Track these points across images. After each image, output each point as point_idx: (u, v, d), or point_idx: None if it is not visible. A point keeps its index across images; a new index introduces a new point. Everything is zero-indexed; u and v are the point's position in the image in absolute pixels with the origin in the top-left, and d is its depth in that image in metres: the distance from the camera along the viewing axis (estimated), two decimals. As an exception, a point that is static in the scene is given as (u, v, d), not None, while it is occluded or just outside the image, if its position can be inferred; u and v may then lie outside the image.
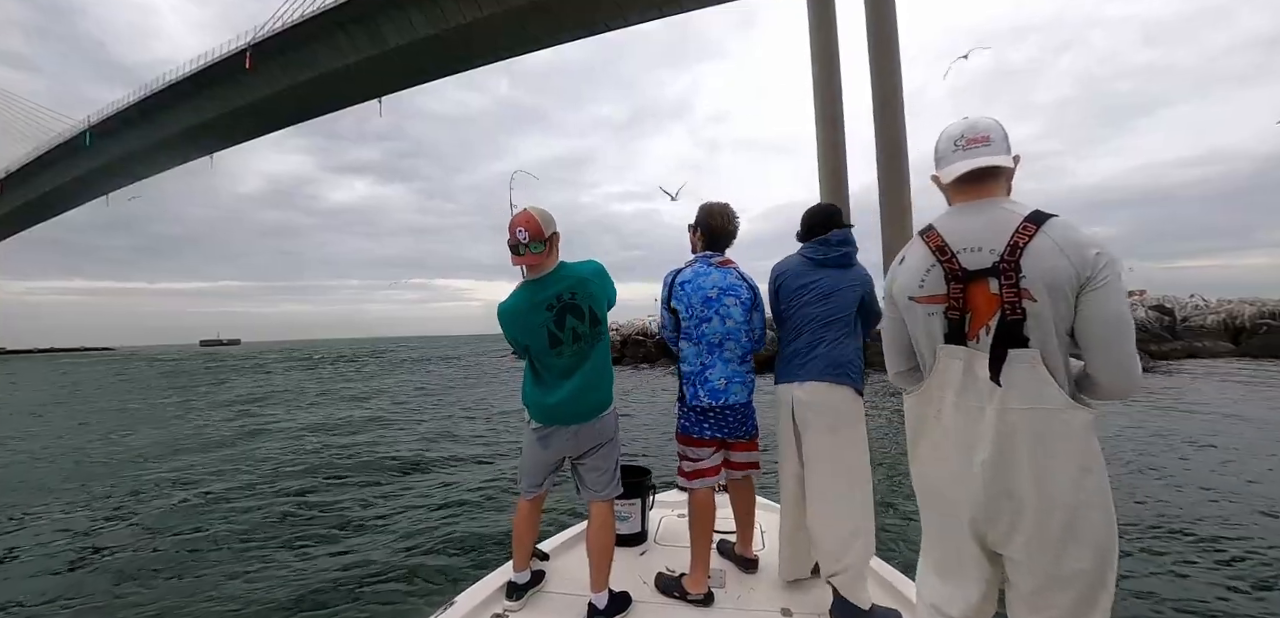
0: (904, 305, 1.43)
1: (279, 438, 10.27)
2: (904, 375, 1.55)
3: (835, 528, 2.14)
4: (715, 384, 2.34)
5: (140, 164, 63.85)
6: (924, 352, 1.41)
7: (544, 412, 2.21)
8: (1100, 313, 1.21)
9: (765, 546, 2.76)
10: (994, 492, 1.27)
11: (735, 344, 2.35)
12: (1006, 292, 1.24)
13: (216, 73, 48.81)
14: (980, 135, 1.34)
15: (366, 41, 42.56)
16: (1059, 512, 1.22)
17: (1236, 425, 8.57)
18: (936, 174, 1.43)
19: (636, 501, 2.79)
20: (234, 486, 6.83)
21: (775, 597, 2.32)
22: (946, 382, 1.34)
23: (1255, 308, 21.83)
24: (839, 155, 32.84)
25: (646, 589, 2.39)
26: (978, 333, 1.29)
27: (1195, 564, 3.96)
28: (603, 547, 2.18)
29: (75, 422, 13.71)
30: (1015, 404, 1.24)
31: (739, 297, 2.35)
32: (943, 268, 1.34)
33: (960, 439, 1.31)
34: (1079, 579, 1.22)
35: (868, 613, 2.08)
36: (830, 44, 32.87)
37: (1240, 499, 5.25)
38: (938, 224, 1.39)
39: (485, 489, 6.46)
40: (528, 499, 2.31)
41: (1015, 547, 1.27)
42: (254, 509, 5.86)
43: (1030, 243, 1.23)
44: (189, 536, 5.13)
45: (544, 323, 2.14)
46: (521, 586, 2.29)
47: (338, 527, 5.29)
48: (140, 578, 4.24)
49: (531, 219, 2.10)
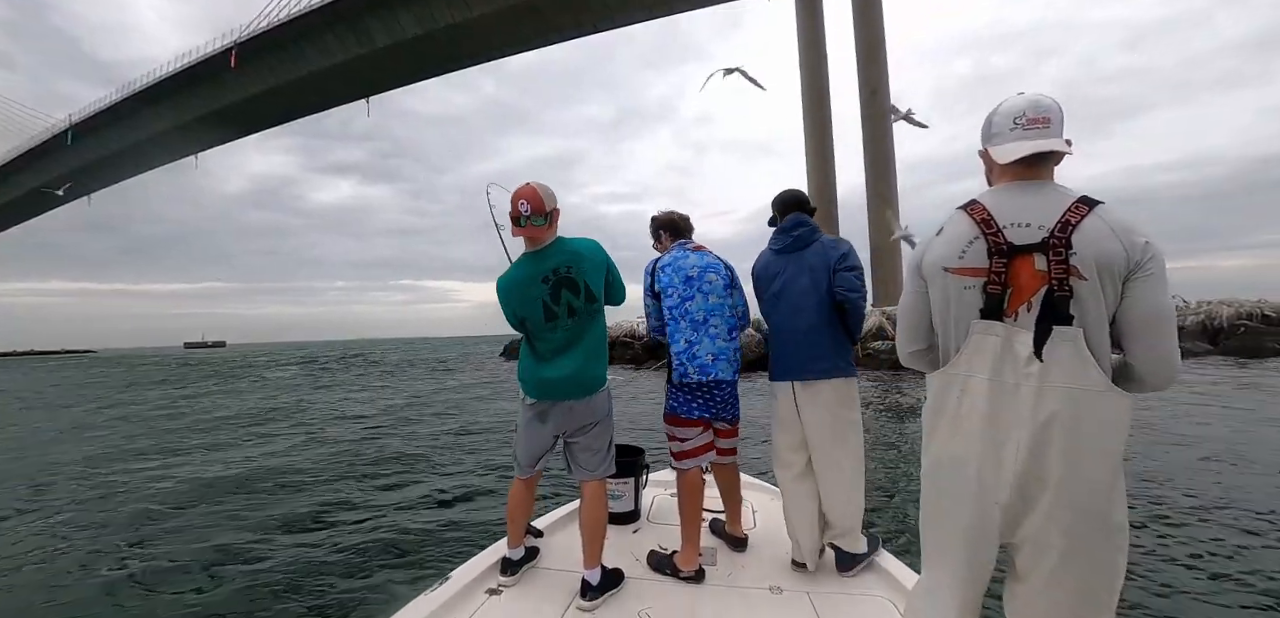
0: (934, 277, 1.38)
1: (288, 436, 10.18)
2: (918, 356, 1.51)
3: (841, 503, 2.31)
4: (703, 359, 2.41)
5: (124, 163, 62.85)
6: (951, 328, 1.36)
7: (539, 386, 2.23)
8: (1147, 302, 1.20)
9: (756, 524, 2.81)
10: (1026, 473, 1.23)
11: (720, 319, 2.44)
12: (1055, 267, 1.22)
13: (201, 71, 48.21)
14: (1041, 115, 1.29)
15: (354, 41, 42.22)
16: (1090, 496, 1.20)
17: (1224, 419, 8.74)
18: (986, 149, 1.38)
19: (630, 480, 2.82)
20: (225, 475, 6.78)
21: (766, 574, 2.36)
22: (980, 358, 1.28)
23: (1233, 309, 22.23)
24: (827, 157, 33.10)
25: (639, 567, 2.42)
26: (1017, 310, 1.26)
27: (1180, 550, 4.04)
28: (595, 523, 2.21)
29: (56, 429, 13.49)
30: (1057, 382, 1.21)
31: (718, 272, 2.48)
32: (986, 241, 1.29)
33: (991, 417, 1.27)
34: (1104, 566, 1.21)
35: (864, 554, 2.34)
36: (818, 43, 33.16)
37: (1224, 488, 5.38)
38: (983, 199, 1.35)
39: (483, 475, 6.48)
40: (523, 479, 2.33)
41: (1032, 527, 1.24)
42: (253, 497, 5.85)
43: (1083, 222, 1.21)
44: (195, 522, 5.09)
45: (540, 296, 2.17)
46: (516, 561, 2.32)
47: (332, 511, 5.32)
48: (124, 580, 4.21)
49: (535, 193, 2.16)
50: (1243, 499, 5.03)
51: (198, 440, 9.98)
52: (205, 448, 9.22)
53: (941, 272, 1.36)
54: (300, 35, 43.43)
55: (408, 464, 7.44)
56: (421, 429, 10.49)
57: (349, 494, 6.02)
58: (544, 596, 2.20)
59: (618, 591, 2.21)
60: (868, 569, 2.33)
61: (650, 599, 2.17)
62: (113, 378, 32.20)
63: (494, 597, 2.19)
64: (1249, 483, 5.56)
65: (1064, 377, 1.20)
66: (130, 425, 12.28)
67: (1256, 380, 13.31)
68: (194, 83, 49.25)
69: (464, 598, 2.15)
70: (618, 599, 2.18)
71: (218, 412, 14.26)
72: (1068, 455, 1.20)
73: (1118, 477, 1.22)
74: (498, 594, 2.20)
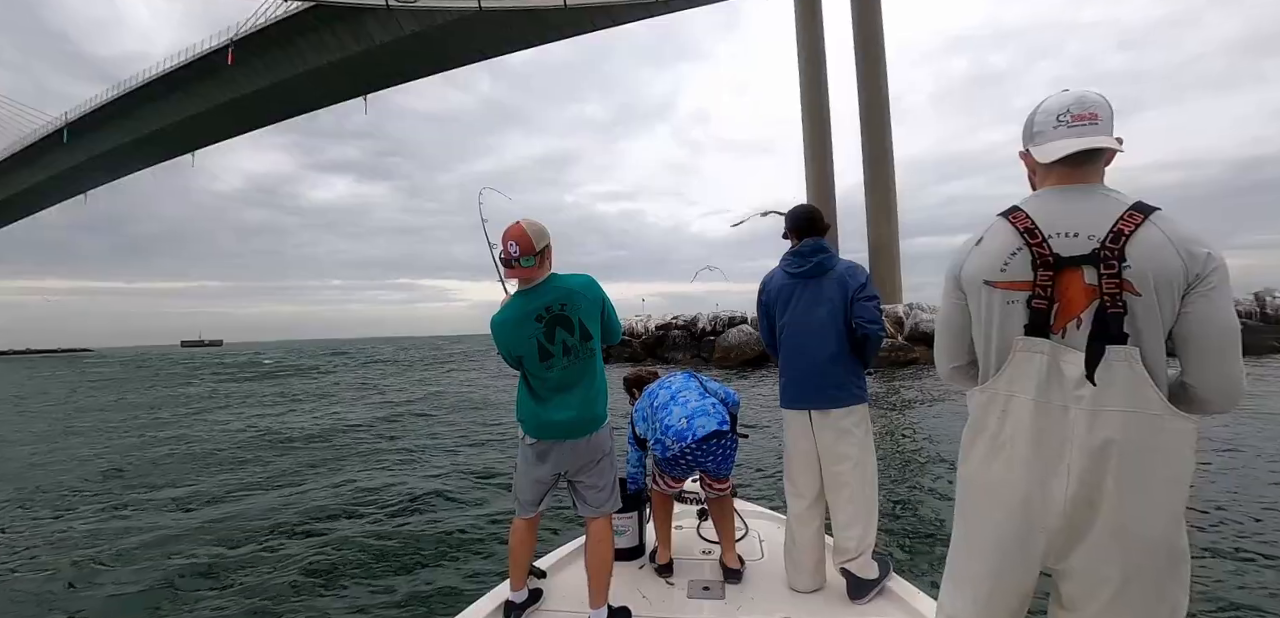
0: (974, 290, 1.29)
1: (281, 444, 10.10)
2: (959, 373, 1.43)
3: (857, 529, 2.29)
4: (677, 427, 2.31)
5: (120, 161, 62.72)
6: (992, 344, 1.27)
7: (539, 427, 2.18)
8: (1210, 318, 1.11)
9: (764, 554, 2.77)
10: (1076, 500, 1.14)
11: (689, 392, 2.46)
12: (1107, 282, 1.12)
13: (198, 68, 48.09)
14: (1088, 111, 1.19)
15: (352, 38, 42.17)
16: (1151, 526, 1.12)
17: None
18: (1028, 150, 1.29)
19: (634, 514, 2.77)
20: (215, 492, 6.71)
21: (776, 604, 2.32)
22: (1024, 377, 1.20)
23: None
24: (825, 155, 33.05)
25: (646, 604, 2.37)
26: (1064, 326, 1.17)
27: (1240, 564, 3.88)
28: (601, 562, 2.16)
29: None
30: (1112, 405, 1.11)
31: (672, 376, 2.61)
32: (1031, 252, 1.20)
33: (1037, 441, 1.18)
34: (1165, 599, 1.14)
35: (876, 580, 2.30)
36: (816, 43, 33.07)
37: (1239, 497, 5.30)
38: (1026, 206, 1.25)
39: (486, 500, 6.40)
40: (525, 518, 2.27)
41: (1083, 558, 1.17)
42: (236, 522, 5.75)
43: (1137, 232, 1.11)
44: (205, 539, 5.02)
45: (533, 334, 2.12)
46: (519, 605, 2.26)
47: (335, 549, 5.19)
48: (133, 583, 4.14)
49: (523, 234, 2.10)
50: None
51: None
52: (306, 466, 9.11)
53: (982, 285, 1.27)
54: (298, 32, 43.36)
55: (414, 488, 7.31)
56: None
57: (342, 526, 5.81)
58: None
59: None
60: (880, 595, 2.29)
61: None
62: (170, 378, 31.91)
63: None
64: None
65: (1120, 400, 1.11)
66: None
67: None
68: (192, 79, 49.13)
69: None
70: None
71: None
72: (1124, 483, 1.11)
73: (1182, 505, 1.13)
74: None
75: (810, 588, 2.38)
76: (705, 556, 2.78)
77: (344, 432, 11.00)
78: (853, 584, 2.29)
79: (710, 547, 2.82)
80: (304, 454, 8.97)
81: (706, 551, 2.82)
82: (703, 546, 2.88)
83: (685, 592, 2.45)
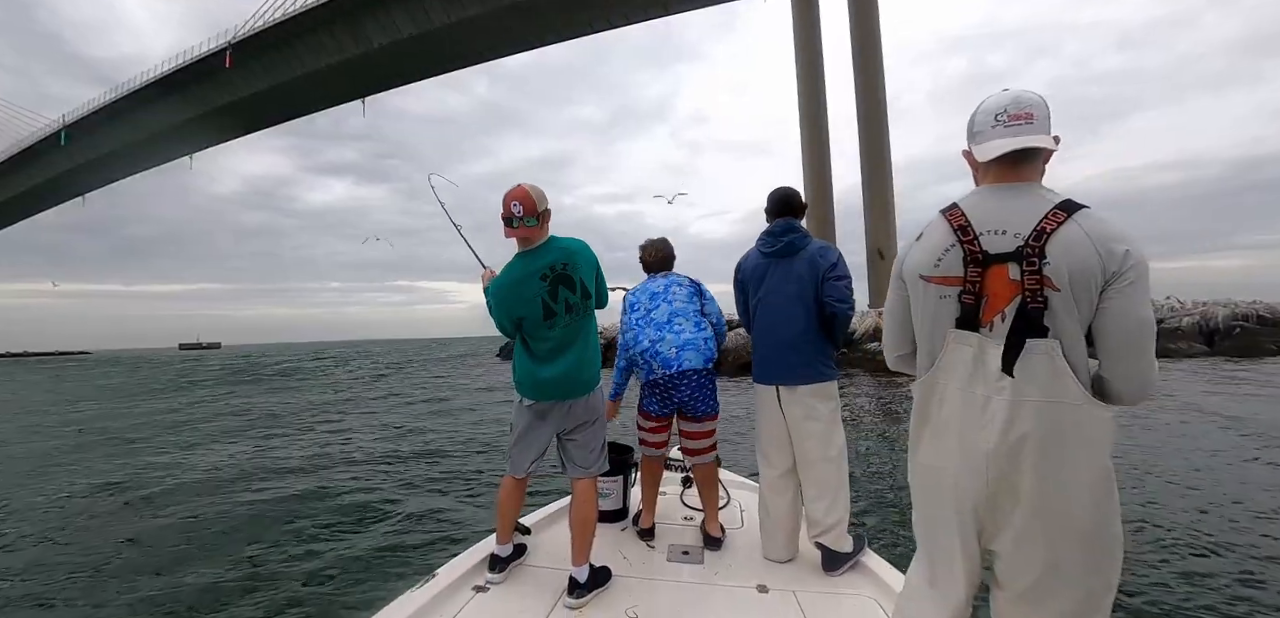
0: (913, 284, 1.37)
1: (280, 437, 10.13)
2: (903, 360, 1.50)
3: (827, 501, 2.34)
4: (666, 354, 2.53)
5: (118, 164, 62.57)
6: (930, 336, 1.34)
7: (538, 387, 2.23)
8: (1123, 314, 1.15)
9: (743, 523, 2.82)
10: (998, 486, 1.21)
11: (685, 319, 2.58)
12: (1028, 278, 1.18)
13: (197, 71, 48.02)
14: (1023, 111, 1.25)
15: (350, 41, 42.12)
16: (1072, 511, 1.17)
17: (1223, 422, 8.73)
18: (970, 149, 1.34)
19: (619, 478, 2.82)
20: (212, 478, 6.75)
21: (753, 573, 2.37)
22: (953, 368, 1.27)
23: (1228, 310, 22.30)
24: (823, 155, 33.14)
25: (627, 565, 2.42)
26: (991, 320, 1.23)
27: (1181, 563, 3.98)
28: (584, 521, 2.21)
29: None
30: (1031, 397, 1.17)
31: (682, 285, 2.68)
32: (963, 249, 1.27)
33: (965, 429, 1.25)
34: (1091, 581, 1.19)
35: (850, 554, 2.35)
36: (814, 44, 33.19)
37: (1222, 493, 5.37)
38: (963, 203, 1.32)
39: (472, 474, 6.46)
40: (514, 478, 2.32)
41: (1008, 541, 1.23)
42: (230, 504, 5.80)
43: (1058, 230, 1.17)
44: (198, 526, 5.05)
45: (538, 293, 2.17)
46: (504, 558, 2.31)
47: (311, 507, 5.29)
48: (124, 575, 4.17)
49: (526, 194, 2.16)
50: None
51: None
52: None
53: (919, 279, 1.34)
54: (297, 35, 43.31)
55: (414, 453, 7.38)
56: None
57: (331, 488, 5.97)
58: (531, 593, 2.20)
59: (605, 589, 2.21)
60: (854, 569, 2.34)
61: (637, 598, 2.17)
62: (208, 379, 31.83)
63: (481, 594, 2.18)
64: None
65: (1038, 391, 1.17)
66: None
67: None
68: (190, 82, 49.04)
69: (450, 595, 2.14)
70: (605, 597, 2.17)
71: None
72: (1042, 472, 1.17)
73: (1107, 490, 1.19)
74: (485, 592, 2.19)
75: (784, 558, 2.44)
76: (686, 522, 2.84)
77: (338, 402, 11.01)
78: (827, 557, 2.35)
79: (692, 513, 2.88)
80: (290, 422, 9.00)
81: (688, 517, 2.88)
82: (685, 512, 2.94)
83: (665, 555, 2.51)
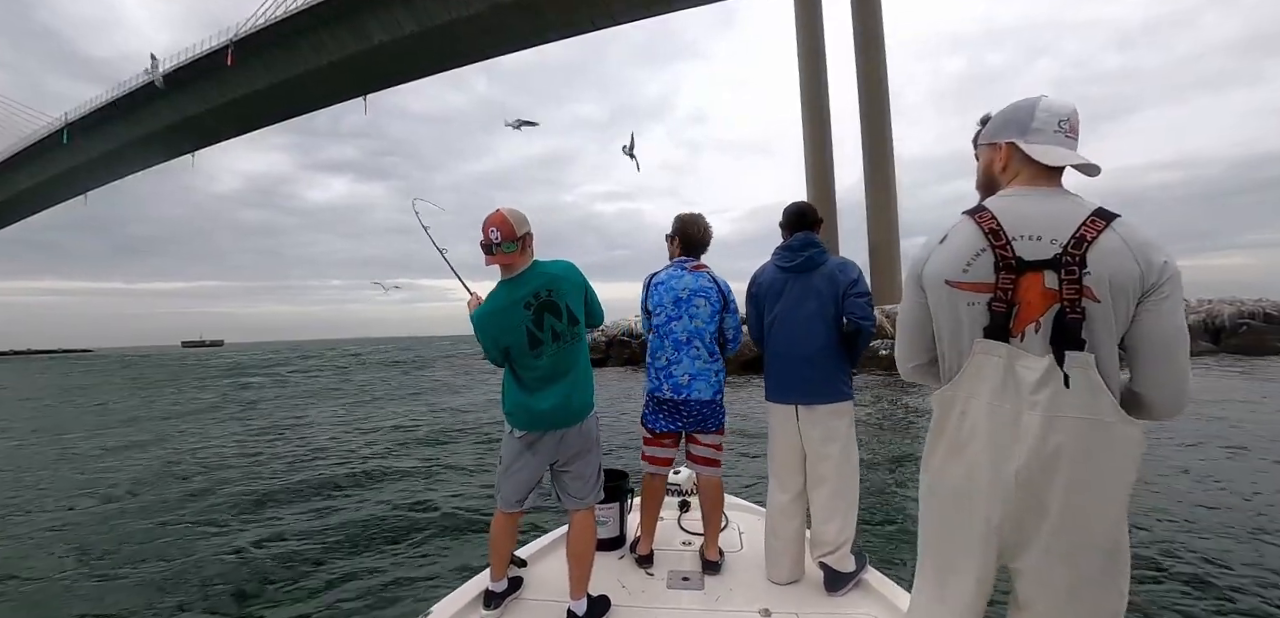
0: (936, 290, 1.28)
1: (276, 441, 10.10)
2: (919, 370, 1.42)
3: (837, 522, 2.31)
4: (678, 379, 2.48)
5: (120, 162, 62.67)
6: (952, 344, 1.27)
7: (530, 418, 2.16)
8: (1161, 325, 1.12)
9: (743, 546, 2.78)
10: (1025, 504, 1.16)
11: (701, 343, 2.49)
12: (1067, 288, 1.13)
13: (198, 69, 48.08)
14: (1077, 125, 1.23)
15: (352, 39, 42.14)
16: (1098, 529, 1.15)
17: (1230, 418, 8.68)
18: (1016, 143, 1.26)
19: (615, 505, 2.77)
20: (204, 489, 6.71)
21: (754, 596, 2.32)
22: (980, 379, 1.20)
23: (1234, 308, 22.23)
24: (825, 154, 33.02)
25: (625, 594, 2.36)
26: (1023, 330, 1.17)
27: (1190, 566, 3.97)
28: (583, 554, 2.16)
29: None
30: (1066, 412, 1.12)
31: (708, 298, 2.51)
32: (995, 254, 1.19)
33: (992, 443, 1.19)
34: (1111, 596, 1.17)
35: (852, 573, 2.32)
36: (816, 41, 33.04)
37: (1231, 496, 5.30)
38: (992, 205, 1.24)
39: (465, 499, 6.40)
40: (506, 513, 2.25)
41: (1033, 559, 1.19)
42: (216, 520, 5.75)
43: (1098, 238, 1.13)
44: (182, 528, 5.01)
45: (523, 321, 2.10)
46: (499, 594, 2.25)
47: (311, 543, 5.19)
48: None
49: (504, 220, 2.09)
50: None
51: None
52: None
53: (943, 284, 1.26)
54: (298, 32, 43.34)
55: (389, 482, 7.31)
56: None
57: (330, 510, 5.90)
58: None
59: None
60: (856, 588, 2.32)
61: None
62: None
63: None
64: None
65: (1074, 406, 1.12)
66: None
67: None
68: (191, 80, 49.11)
69: None
70: None
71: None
72: (1074, 489, 1.13)
73: (1125, 506, 1.16)
74: None
75: (788, 580, 2.39)
76: (685, 547, 2.78)
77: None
78: (830, 577, 2.31)
79: (690, 538, 2.83)
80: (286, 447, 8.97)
81: (686, 542, 2.82)
82: (683, 536, 2.88)
83: (665, 582, 2.45)
